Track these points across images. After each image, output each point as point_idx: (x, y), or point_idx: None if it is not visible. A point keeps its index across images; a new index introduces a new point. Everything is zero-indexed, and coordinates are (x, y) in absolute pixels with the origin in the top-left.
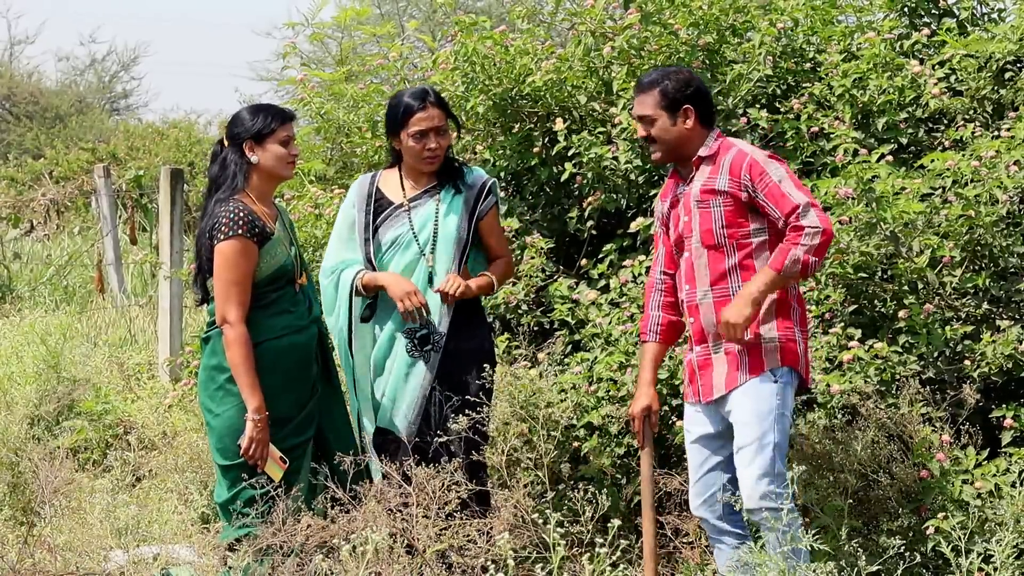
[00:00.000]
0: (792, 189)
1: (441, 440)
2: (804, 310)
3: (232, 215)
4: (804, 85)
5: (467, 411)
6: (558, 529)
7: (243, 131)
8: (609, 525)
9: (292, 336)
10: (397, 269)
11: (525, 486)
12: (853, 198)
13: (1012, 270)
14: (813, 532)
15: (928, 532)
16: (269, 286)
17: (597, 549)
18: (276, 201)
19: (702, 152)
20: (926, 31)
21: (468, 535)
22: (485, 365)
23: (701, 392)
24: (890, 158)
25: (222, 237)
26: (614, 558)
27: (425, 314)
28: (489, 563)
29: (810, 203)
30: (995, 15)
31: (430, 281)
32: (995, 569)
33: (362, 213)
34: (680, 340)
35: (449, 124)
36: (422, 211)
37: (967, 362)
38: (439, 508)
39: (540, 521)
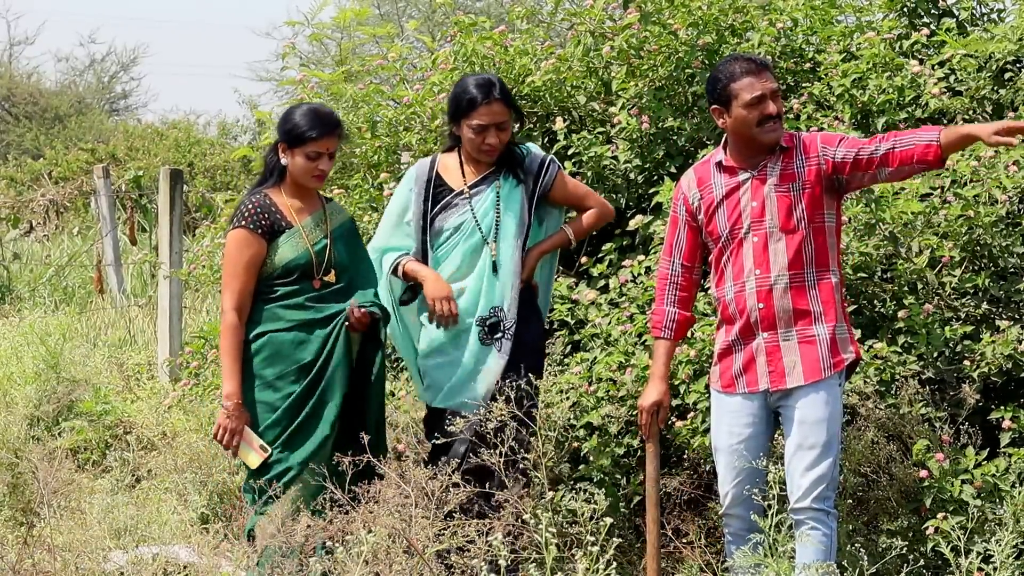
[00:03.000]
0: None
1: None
2: None
3: (243, 206)
4: (804, 85)
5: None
6: (550, 529)
7: (281, 132)
8: (600, 524)
9: (301, 331)
10: (460, 257)
11: (524, 486)
12: (852, 198)
13: (1012, 270)
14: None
15: (928, 532)
16: (280, 279)
17: (588, 548)
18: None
19: (783, 142)
20: (926, 31)
21: (467, 535)
22: (537, 360)
23: (769, 380)
24: None
25: (231, 227)
26: (607, 556)
27: (453, 323)
28: (483, 564)
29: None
30: (995, 15)
31: (494, 270)
32: (995, 569)
33: (420, 199)
34: (686, 336)
35: (512, 116)
36: (483, 199)
37: (967, 362)
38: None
39: (533, 522)
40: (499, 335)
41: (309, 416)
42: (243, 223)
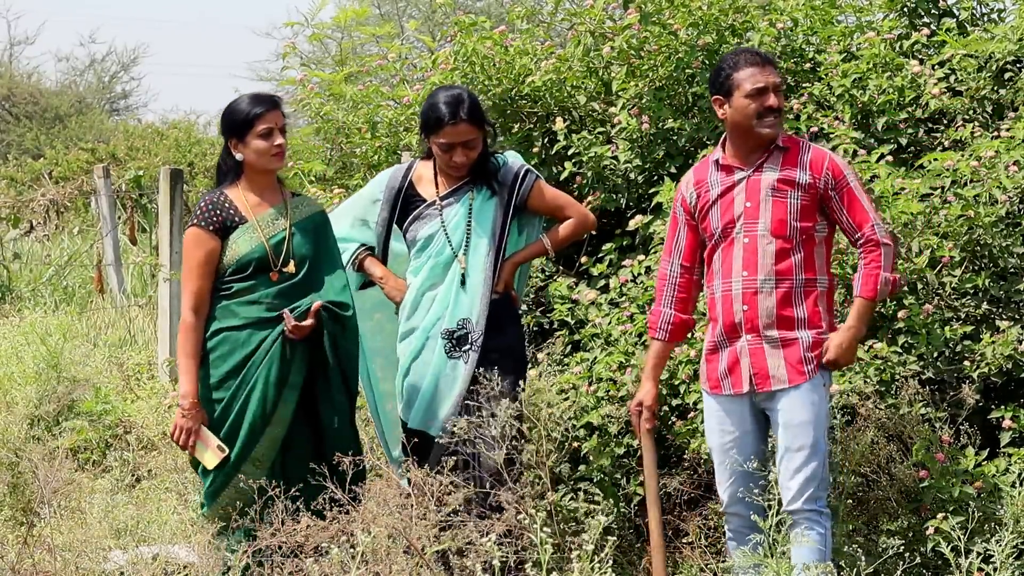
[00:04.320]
0: (865, 200)
1: (476, 439)
2: None
3: (198, 205)
4: (804, 85)
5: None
6: (545, 529)
7: (228, 129)
8: (594, 522)
9: (256, 328)
10: (431, 268)
11: (525, 486)
12: None
13: (1012, 270)
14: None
15: (928, 532)
16: (234, 275)
17: (585, 548)
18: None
19: (780, 141)
20: (926, 31)
21: (468, 537)
22: (517, 364)
23: (753, 382)
24: (890, 158)
25: (187, 226)
26: (603, 555)
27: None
28: (477, 565)
29: (879, 218)
30: (995, 15)
31: (463, 283)
32: (995, 569)
33: (387, 206)
34: (688, 336)
35: (483, 132)
36: (454, 211)
37: (967, 362)
38: (464, 509)
39: (528, 522)
40: (466, 347)
41: (235, 420)
42: (195, 222)
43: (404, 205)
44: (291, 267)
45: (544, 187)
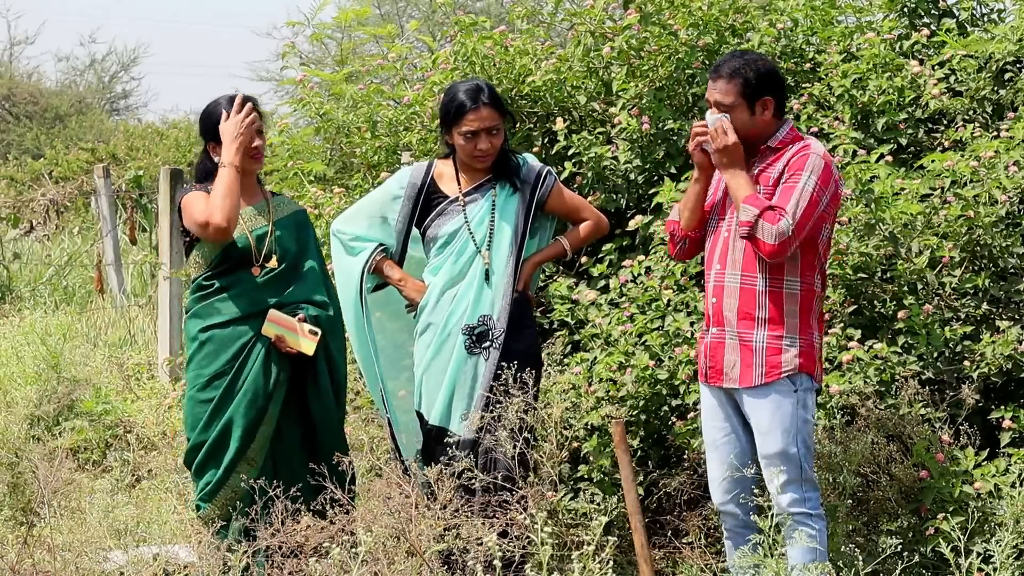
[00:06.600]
0: (799, 199)
1: (493, 438)
2: (821, 311)
3: (192, 185)
4: (804, 85)
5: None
6: (546, 529)
7: (204, 132)
8: (595, 522)
9: (240, 324)
10: (454, 264)
11: (529, 485)
12: (852, 198)
13: (1011, 270)
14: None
15: (928, 532)
16: (216, 268)
17: (585, 548)
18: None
19: (771, 143)
20: (926, 31)
21: (469, 536)
22: (536, 366)
23: (708, 374)
24: (889, 158)
25: (182, 197)
26: (604, 555)
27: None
28: (478, 564)
29: (794, 221)
30: (995, 15)
31: (487, 278)
32: (995, 569)
33: (409, 202)
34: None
35: (504, 120)
36: (478, 207)
37: (966, 362)
38: (484, 507)
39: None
40: (487, 344)
41: (228, 421)
42: (195, 188)
43: (426, 202)
44: (273, 262)
45: (563, 188)
